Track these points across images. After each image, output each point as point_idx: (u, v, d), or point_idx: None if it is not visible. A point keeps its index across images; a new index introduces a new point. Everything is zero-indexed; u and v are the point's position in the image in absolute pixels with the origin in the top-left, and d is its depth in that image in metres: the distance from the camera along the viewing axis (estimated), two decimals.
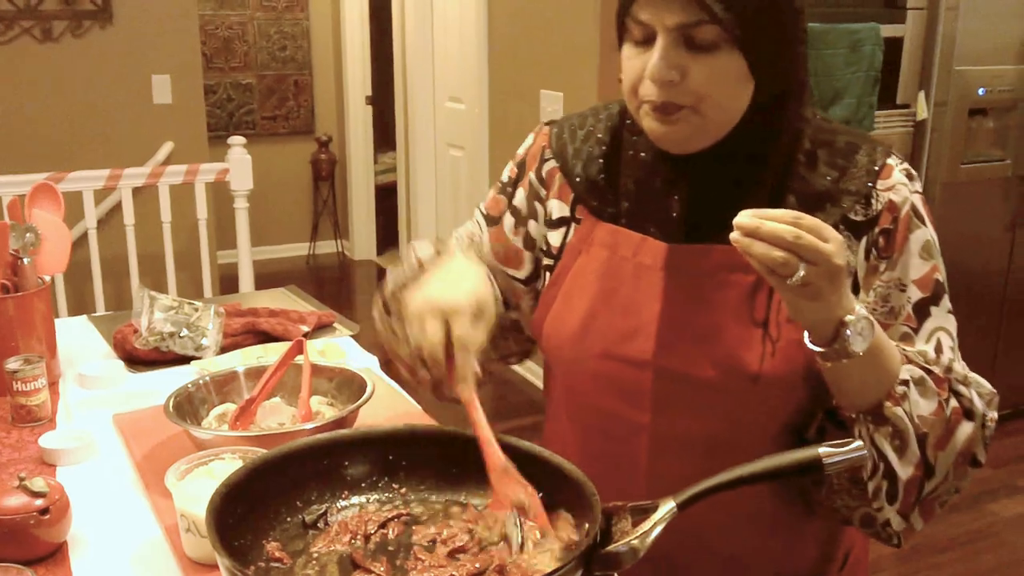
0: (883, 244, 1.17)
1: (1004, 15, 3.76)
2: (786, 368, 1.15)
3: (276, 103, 6.83)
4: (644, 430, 1.23)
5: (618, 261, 1.24)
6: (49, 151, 4.30)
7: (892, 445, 1.10)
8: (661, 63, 1.09)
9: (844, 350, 1.03)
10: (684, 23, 1.07)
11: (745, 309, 1.17)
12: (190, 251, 4.31)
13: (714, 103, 1.11)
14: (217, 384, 1.57)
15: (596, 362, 1.25)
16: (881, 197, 1.16)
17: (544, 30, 4.13)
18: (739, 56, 1.08)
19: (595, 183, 1.28)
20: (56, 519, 1.24)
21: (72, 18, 4.34)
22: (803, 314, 1.03)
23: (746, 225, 0.97)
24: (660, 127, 1.14)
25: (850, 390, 1.10)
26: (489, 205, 1.42)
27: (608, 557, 0.95)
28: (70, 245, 1.91)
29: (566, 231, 1.32)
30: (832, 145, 1.19)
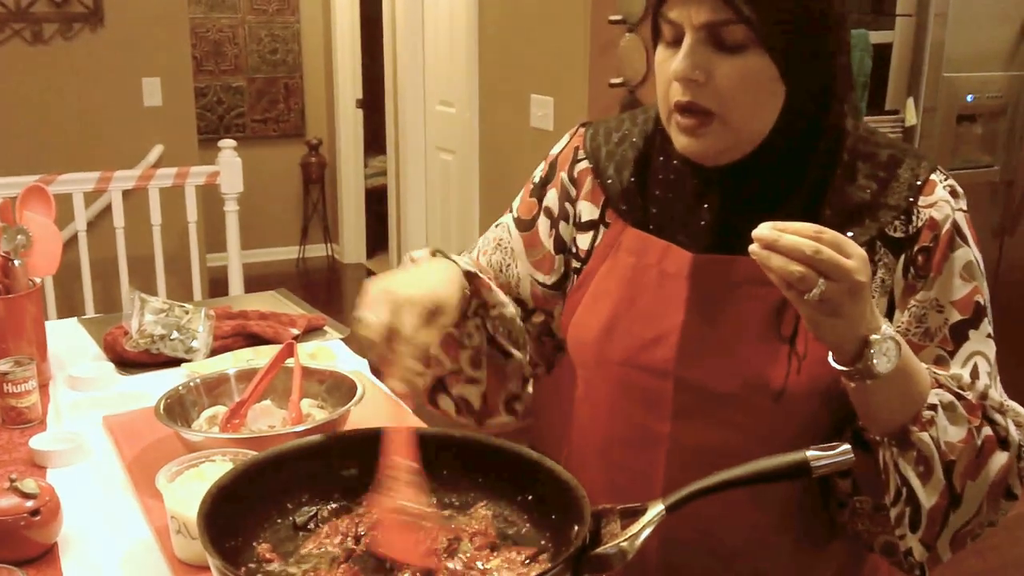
0: (922, 263, 1.12)
1: (992, 22, 3.78)
2: (810, 386, 1.12)
3: (266, 106, 6.83)
4: (664, 440, 1.21)
5: (643, 268, 1.22)
6: (39, 153, 4.29)
7: (916, 471, 1.06)
8: (686, 61, 1.07)
9: (868, 370, 0.99)
10: (712, 21, 1.05)
11: (771, 324, 1.14)
12: (180, 254, 4.30)
13: (741, 109, 1.08)
14: (208, 386, 1.57)
15: (617, 369, 1.23)
16: (922, 214, 1.12)
17: (534, 35, 4.14)
18: (768, 59, 1.06)
19: (626, 187, 1.26)
20: (47, 520, 1.24)
21: (62, 21, 4.33)
22: (823, 331, 1.00)
23: (765, 237, 0.95)
24: (689, 140, 1.12)
25: (875, 412, 1.07)
26: (523, 209, 1.38)
27: (597, 559, 0.96)
28: (61, 247, 1.91)
29: (595, 234, 1.29)
30: (874, 157, 1.15)
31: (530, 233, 1.36)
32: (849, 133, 1.16)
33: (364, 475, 1.17)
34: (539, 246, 1.35)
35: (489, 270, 1.38)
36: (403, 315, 1.07)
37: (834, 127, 1.14)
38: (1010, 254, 4.08)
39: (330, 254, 7.20)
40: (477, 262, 1.39)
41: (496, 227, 1.41)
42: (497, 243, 1.39)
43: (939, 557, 1.14)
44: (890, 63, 3.73)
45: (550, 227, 1.34)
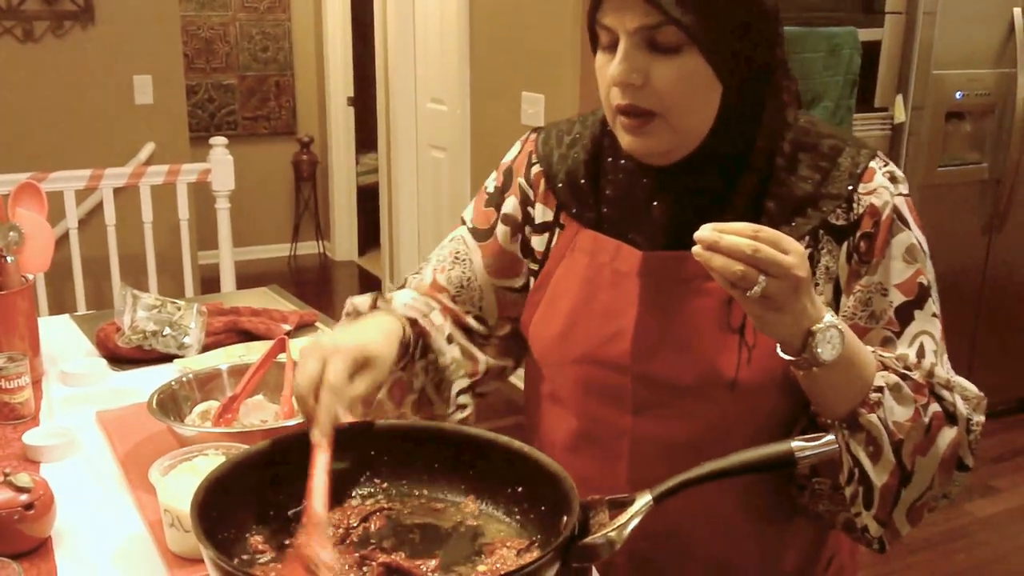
0: (864, 248, 1.16)
1: (981, 20, 3.80)
2: (763, 375, 1.16)
3: (257, 104, 6.83)
4: (626, 433, 1.24)
5: (597, 267, 1.25)
6: (30, 151, 4.29)
7: (866, 452, 1.10)
8: (623, 65, 1.10)
9: (814, 359, 1.03)
10: (645, 25, 1.08)
11: (721, 316, 1.17)
12: (171, 251, 4.31)
13: (680, 108, 1.11)
14: (200, 382, 1.58)
15: (578, 366, 1.26)
16: (863, 201, 1.16)
17: (525, 32, 4.15)
18: (702, 59, 1.09)
19: (578, 189, 1.28)
20: (40, 514, 1.25)
21: (53, 18, 4.33)
22: (769, 326, 1.03)
23: (706, 238, 0.98)
24: (633, 139, 1.15)
25: (824, 398, 1.11)
26: (478, 219, 1.39)
27: (585, 549, 0.97)
28: (53, 244, 1.92)
29: (550, 236, 1.32)
30: (816, 148, 1.18)
31: (489, 242, 1.37)
32: (790, 125, 1.18)
33: (354, 468, 1.19)
34: (500, 254, 1.36)
35: (449, 288, 1.38)
36: (330, 364, 1.07)
37: (774, 120, 1.17)
38: (998, 251, 4.11)
39: (322, 251, 7.21)
40: (435, 282, 1.39)
41: (451, 240, 1.41)
42: (454, 257, 1.39)
43: (897, 531, 1.18)
44: (879, 61, 3.76)
45: (512, 233, 1.36)
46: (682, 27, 1.06)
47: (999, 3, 3.82)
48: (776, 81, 1.16)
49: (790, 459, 0.99)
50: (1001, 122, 3.98)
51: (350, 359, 1.09)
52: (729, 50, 1.09)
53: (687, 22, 1.06)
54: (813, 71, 3.49)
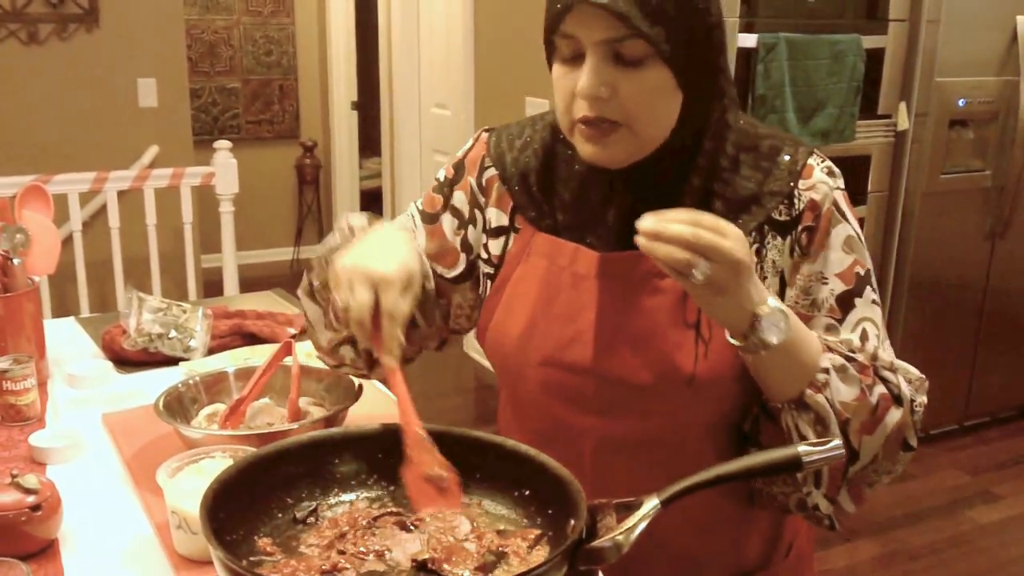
0: (805, 242, 1.20)
1: (984, 27, 3.81)
2: (719, 368, 1.18)
3: (261, 107, 6.84)
4: (588, 434, 1.26)
5: (556, 271, 1.27)
6: (34, 154, 4.30)
7: (815, 432, 1.13)
8: (592, 79, 1.10)
9: (761, 342, 1.07)
10: (611, 38, 1.08)
11: (677, 313, 1.20)
12: (175, 254, 4.32)
13: (646, 118, 1.13)
14: (207, 384, 1.58)
15: (539, 369, 1.28)
16: (803, 196, 1.20)
17: (530, 37, 4.15)
18: (667, 70, 1.10)
19: (532, 194, 1.30)
20: (48, 515, 1.25)
21: (58, 21, 4.35)
22: (714, 310, 1.07)
23: (648, 229, 1.01)
24: (595, 149, 1.16)
25: (772, 381, 1.14)
26: (426, 202, 1.41)
27: (592, 552, 0.98)
28: (59, 246, 1.93)
29: (506, 240, 1.33)
30: (756, 149, 1.22)
31: (433, 226, 1.39)
32: (732, 128, 1.21)
33: (362, 471, 1.19)
34: (442, 240, 1.38)
35: None
36: (385, 294, 1.11)
37: (719, 123, 1.20)
38: (1001, 258, 4.11)
39: None
40: None
41: (403, 215, 1.44)
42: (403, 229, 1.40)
43: (843, 508, 1.22)
44: (883, 68, 3.76)
45: (457, 227, 1.37)
46: (649, 40, 1.07)
47: (1002, 11, 3.82)
48: (720, 85, 1.19)
49: (797, 463, 1.00)
50: (1004, 129, 3.98)
51: (400, 286, 1.12)
52: (690, 60, 1.12)
53: (653, 35, 1.07)
54: (817, 78, 3.50)
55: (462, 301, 1.39)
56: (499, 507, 1.15)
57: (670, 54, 1.09)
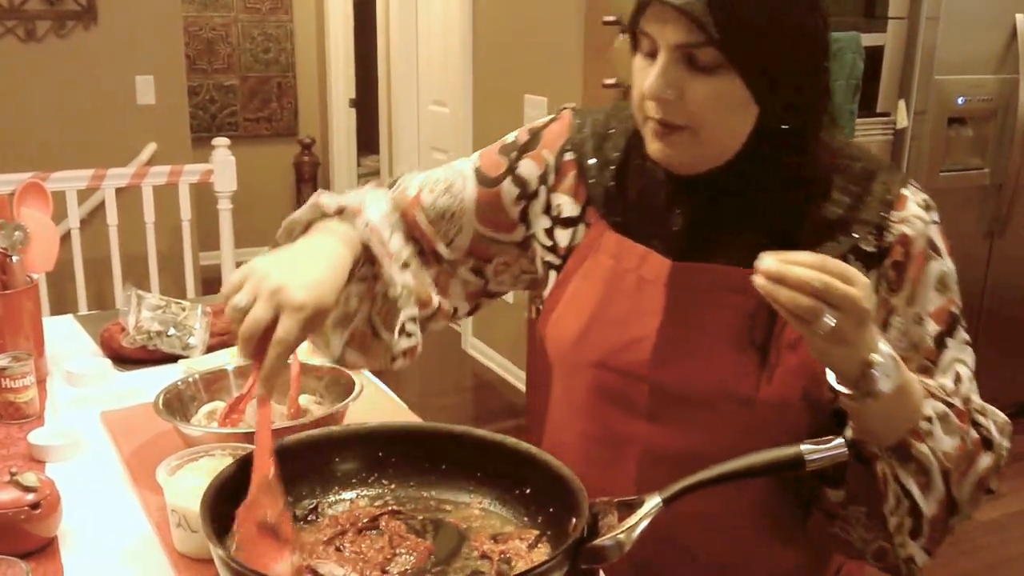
0: (893, 277, 1.15)
1: (983, 25, 3.81)
2: (783, 394, 1.14)
3: (259, 105, 6.83)
4: (637, 441, 1.23)
5: (621, 272, 1.23)
6: (32, 151, 4.29)
7: (917, 482, 1.09)
8: (659, 80, 1.08)
9: (871, 390, 1.01)
10: (685, 43, 1.05)
11: (743, 331, 1.16)
12: (173, 252, 4.31)
13: (713, 126, 1.09)
14: (206, 382, 1.58)
15: (593, 370, 1.25)
16: (894, 229, 1.14)
17: (529, 35, 4.15)
18: (740, 81, 1.06)
19: (607, 189, 1.26)
20: (47, 513, 1.25)
21: (56, 18, 4.33)
22: (830, 358, 1.01)
23: (771, 271, 0.96)
24: (660, 147, 1.13)
25: (875, 428, 1.08)
26: (486, 164, 1.35)
27: (594, 551, 0.97)
28: (58, 243, 1.92)
29: (575, 232, 1.30)
30: (848, 171, 1.17)
31: (490, 191, 1.33)
32: (823, 146, 1.16)
33: (362, 469, 1.19)
34: (497, 206, 1.33)
35: (429, 211, 1.34)
36: (284, 320, 1.05)
37: (809, 142, 1.15)
38: (999, 256, 4.11)
39: None
40: (418, 199, 1.35)
41: (447, 169, 1.38)
42: (447, 187, 1.35)
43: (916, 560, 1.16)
44: (882, 66, 3.76)
45: (518, 197, 1.33)
46: (722, 50, 1.04)
47: (1001, 9, 3.82)
48: (815, 104, 1.14)
49: (799, 462, 0.99)
50: (1003, 127, 3.98)
51: (304, 320, 1.06)
52: (768, 74, 1.07)
53: (729, 46, 1.03)
54: None
55: (509, 260, 1.35)
56: (500, 506, 1.15)
57: (744, 67, 1.05)
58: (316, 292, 1.08)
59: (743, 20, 1.03)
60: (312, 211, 1.25)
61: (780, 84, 1.08)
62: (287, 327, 1.05)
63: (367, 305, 1.27)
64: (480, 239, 1.34)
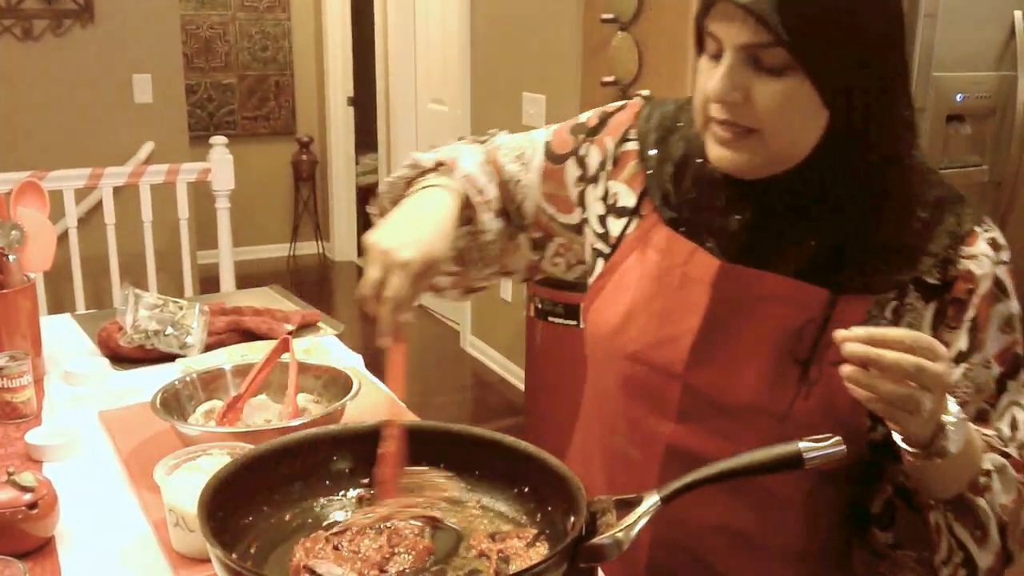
0: (952, 314, 1.11)
1: (982, 22, 3.80)
2: (820, 414, 1.11)
3: (257, 103, 6.82)
4: (663, 440, 1.20)
5: (668, 267, 1.20)
6: (30, 150, 4.29)
7: (973, 536, 1.07)
8: (724, 81, 1.05)
9: (940, 451, 0.99)
10: (751, 43, 1.02)
11: (785, 344, 1.12)
12: (171, 251, 4.30)
13: (779, 130, 1.06)
14: (204, 381, 1.58)
15: (627, 363, 1.23)
16: (960, 264, 1.10)
17: (527, 33, 4.15)
18: (809, 84, 1.03)
19: (665, 182, 1.24)
20: (44, 513, 1.25)
21: (53, 17, 4.33)
22: (904, 424, 0.99)
23: (859, 354, 0.93)
24: (723, 152, 1.10)
25: (934, 482, 1.06)
26: (556, 140, 1.36)
27: (593, 549, 0.97)
28: (55, 242, 1.92)
29: (627, 222, 1.27)
30: (921, 197, 1.12)
31: (556, 167, 1.35)
32: (900, 163, 1.12)
33: (360, 468, 1.19)
34: (560, 183, 1.35)
35: (501, 172, 1.38)
36: (392, 278, 1.13)
37: (881, 154, 1.10)
38: None
39: (321, 252, 7.20)
40: (496, 159, 1.39)
41: (524, 137, 1.41)
42: (518, 155, 1.38)
43: None
44: None
45: (579, 179, 1.33)
46: (791, 50, 1.01)
47: (1000, 6, 3.81)
48: (892, 112, 1.09)
49: (798, 460, 0.98)
50: (1002, 125, 3.98)
51: (413, 274, 1.14)
52: (839, 77, 1.03)
53: (797, 45, 1.00)
54: None
55: (566, 244, 1.38)
56: (498, 504, 1.14)
57: (814, 68, 1.02)
58: (422, 248, 1.17)
59: (812, 20, 1.00)
60: (411, 169, 1.34)
61: (850, 88, 1.05)
62: (394, 284, 1.14)
63: (468, 241, 1.36)
64: (542, 214, 1.38)
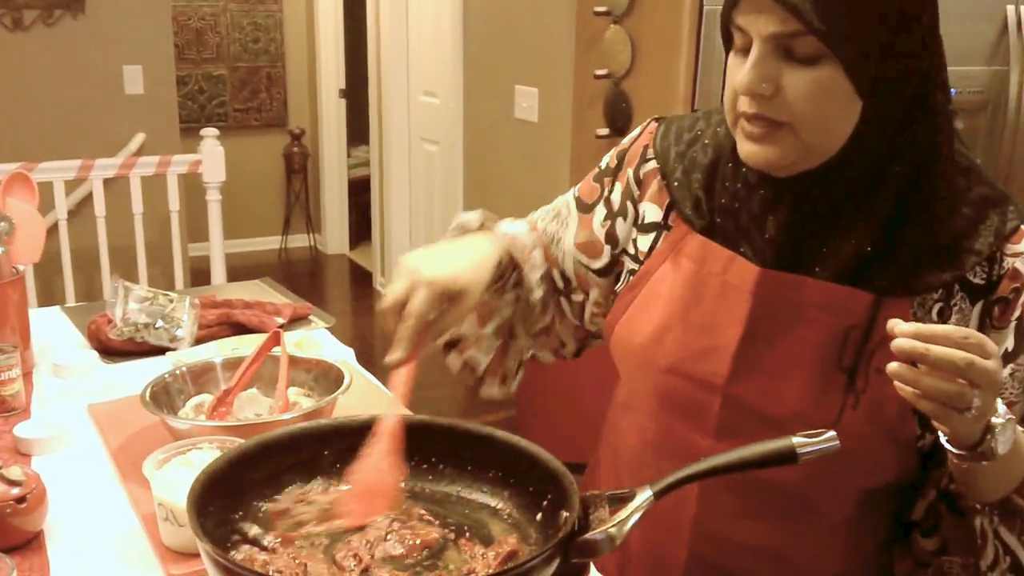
0: (998, 314, 1.08)
1: (975, 17, 3.80)
2: (869, 424, 1.09)
3: (248, 95, 6.80)
4: (702, 455, 1.12)
5: (704, 276, 1.17)
6: (19, 141, 4.26)
7: (1020, 540, 1.06)
8: (753, 73, 1.03)
9: (988, 453, 0.97)
10: (781, 32, 1.00)
11: (831, 352, 1.10)
12: (161, 243, 4.28)
13: (811, 122, 1.03)
14: (194, 375, 1.57)
15: (664, 376, 1.20)
16: (1006, 263, 1.08)
17: (520, 26, 4.13)
18: (842, 73, 1.00)
19: (694, 192, 1.21)
20: (33, 507, 1.24)
21: (43, 7, 4.30)
22: (952, 425, 0.96)
23: (907, 349, 0.91)
24: (754, 148, 1.08)
25: (981, 486, 1.04)
26: (584, 191, 1.37)
27: (585, 545, 0.96)
28: (44, 234, 1.90)
29: (656, 236, 1.26)
30: (964, 194, 1.09)
31: (587, 216, 1.35)
32: (942, 157, 1.09)
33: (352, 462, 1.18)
34: (589, 229, 1.34)
35: (543, 237, 1.39)
36: (416, 293, 1.11)
37: (920, 147, 1.07)
38: None
39: (312, 244, 7.19)
40: (535, 226, 1.40)
41: (558, 200, 1.42)
42: (556, 214, 1.40)
43: None
44: None
45: (604, 218, 1.32)
46: (821, 37, 0.98)
47: (992, 0, 3.82)
48: (928, 103, 1.06)
49: (792, 455, 0.97)
50: (994, 119, 3.98)
51: (438, 292, 1.12)
52: (873, 65, 1.01)
53: (828, 33, 0.98)
54: None
55: (600, 299, 1.33)
56: (490, 499, 1.14)
57: (846, 56, 0.99)
58: (450, 271, 1.14)
59: (843, 5, 0.98)
60: (453, 231, 1.32)
61: (884, 76, 1.02)
62: (417, 300, 1.11)
63: (514, 309, 1.35)
64: (579, 267, 1.36)
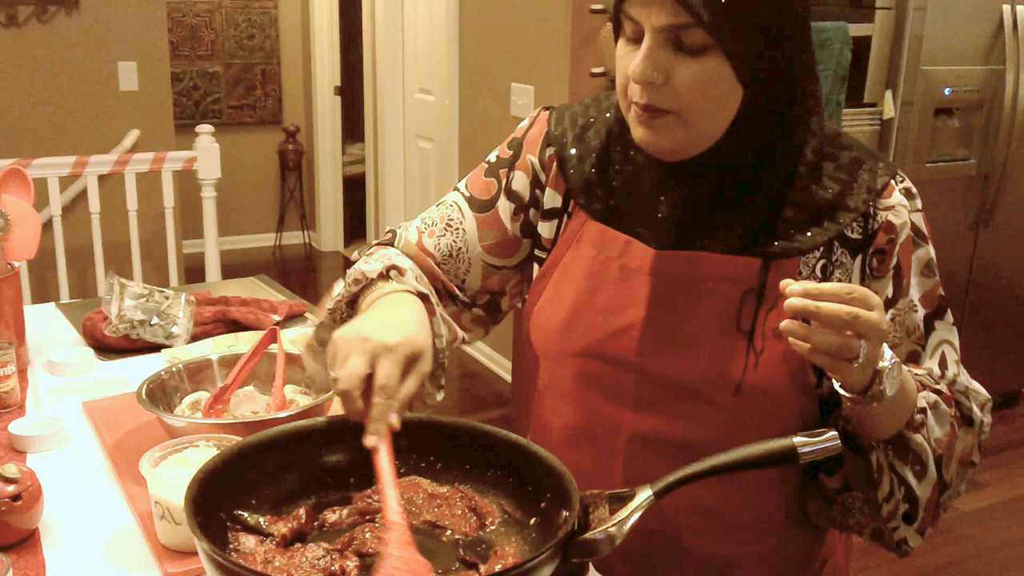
0: (876, 264, 1.17)
1: (971, 16, 3.80)
2: (770, 380, 1.15)
3: (243, 92, 6.78)
4: (624, 429, 1.23)
5: (604, 261, 1.22)
6: (14, 137, 4.25)
7: (913, 471, 1.12)
8: (644, 63, 1.07)
9: (878, 395, 1.03)
10: (671, 24, 1.04)
11: (730, 318, 1.16)
12: (156, 240, 4.28)
13: (699, 109, 1.08)
14: (190, 372, 1.56)
15: (579, 359, 1.24)
16: (880, 216, 1.16)
17: (515, 23, 4.13)
18: (727, 62, 1.05)
19: (587, 178, 1.25)
20: (28, 505, 1.23)
21: (38, 3, 4.28)
22: (844, 374, 1.02)
23: (798, 308, 0.96)
24: (645, 132, 1.12)
25: (874, 424, 1.10)
26: (477, 189, 1.34)
27: (585, 544, 0.96)
28: (40, 230, 1.89)
29: (558, 223, 1.29)
30: (836, 159, 1.17)
31: (487, 215, 1.33)
32: (815, 133, 1.16)
33: (349, 460, 1.17)
34: (498, 228, 1.33)
35: (436, 254, 1.33)
36: (381, 365, 1.03)
37: (797, 126, 1.14)
38: (985, 247, 4.12)
39: (307, 242, 7.17)
40: (422, 244, 1.33)
41: (439, 206, 1.36)
42: (447, 224, 1.34)
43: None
44: (869, 56, 3.75)
45: (515, 211, 1.32)
46: (710, 30, 1.03)
47: (988, 1, 3.82)
48: (801, 86, 1.13)
49: (792, 455, 0.99)
50: (989, 118, 3.99)
51: (402, 360, 1.04)
52: (754, 55, 1.06)
53: (716, 25, 1.02)
54: None
55: (518, 285, 1.36)
56: (489, 498, 1.13)
57: (731, 46, 1.04)
58: (402, 333, 1.06)
59: (730, 1, 1.02)
60: (353, 285, 1.22)
61: (764, 64, 1.08)
62: (386, 370, 1.03)
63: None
64: (490, 272, 1.34)
